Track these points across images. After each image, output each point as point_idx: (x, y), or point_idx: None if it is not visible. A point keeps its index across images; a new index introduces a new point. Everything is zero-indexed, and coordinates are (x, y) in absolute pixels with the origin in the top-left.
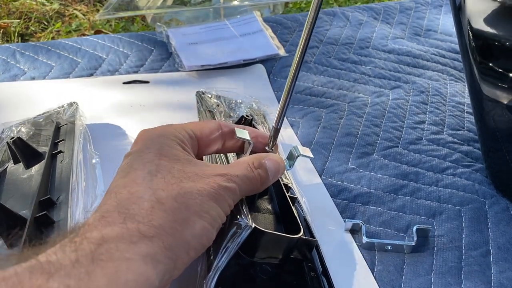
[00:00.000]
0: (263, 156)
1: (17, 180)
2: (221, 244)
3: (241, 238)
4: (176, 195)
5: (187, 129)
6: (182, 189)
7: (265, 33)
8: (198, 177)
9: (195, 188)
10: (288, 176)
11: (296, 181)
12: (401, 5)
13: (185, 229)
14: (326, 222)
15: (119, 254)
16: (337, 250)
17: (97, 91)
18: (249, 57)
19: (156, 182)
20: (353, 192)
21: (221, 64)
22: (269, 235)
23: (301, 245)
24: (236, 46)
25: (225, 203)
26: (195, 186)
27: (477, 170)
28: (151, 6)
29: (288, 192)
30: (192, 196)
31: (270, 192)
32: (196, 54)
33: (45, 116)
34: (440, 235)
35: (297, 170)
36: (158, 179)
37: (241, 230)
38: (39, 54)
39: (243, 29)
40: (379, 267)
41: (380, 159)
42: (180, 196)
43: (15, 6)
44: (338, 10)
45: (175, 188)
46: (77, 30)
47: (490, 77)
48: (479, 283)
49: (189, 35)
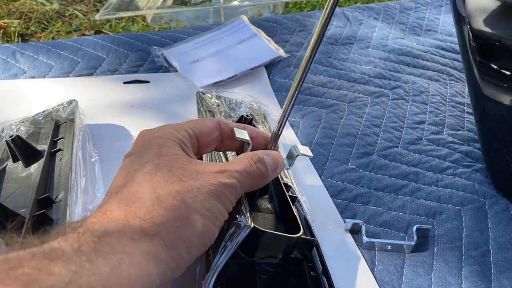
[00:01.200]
0: (262, 151)
1: (16, 179)
2: (220, 243)
3: (240, 238)
4: (176, 193)
5: (186, 129)
6: (182, 188)
7: (260, 36)
8: (198, 175)
9: (195, 186)
10: (288, 175)
11: (296, 181)
12: (401, 5)
13: (186, 227)
14: (326, 222)
15: (121, 248)
16: (337, 250)
17: (97, 90)
18: (256, 65)
19: (156, 181)
20: (353, 192)
21: (231, 78)
22: (269, 234)
23: (301, 245)
24: (238, 56)
25: (227, 199)
26: (195, 184)
27: (477, 170)
28: (151, 6)
29: (288, 191)
30: (192, 194)
31: (270, 191)
32: (203, 72)
33: (45, 114)
34: (440, 235)
35: (297, 170)
36: (158, 178)
37: (240, 229)
38: (39, 54)
39: (237, 36)
40: (379, 267)
41: (380, 159)
42: (180, 194)
43: (15, 6)
44: (338, 10)
45: (175, 187)
46: (77, 30)
47: (490, 77)
48: (479, 283)
49: (187, 53)
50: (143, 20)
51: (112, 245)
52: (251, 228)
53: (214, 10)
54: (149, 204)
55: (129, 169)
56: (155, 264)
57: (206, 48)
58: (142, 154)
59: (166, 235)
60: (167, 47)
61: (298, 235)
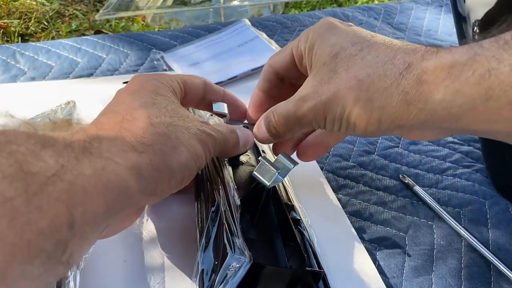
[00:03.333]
0: (236, 127)
1: None
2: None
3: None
4: (168, 124)
5: (179, 81)
6: (173, 122)
7: (262, 38)
8: (188, 118)
9: (184, 126)
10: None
11: (298, 183)
12: (401, 5)
13: (172, 155)
14: (330, 218)
15: (109, 155)
16: (343, 249)
17: (97, 91)
18: (257, 66)
19: (151, 110)
20: (355, 188)
21: (232, 79)
22: (270, 269)
23: (307, 277)
24: (239, 57)
25: (207, 148)
26: (184, 124)
27: (477, 171)
28: (151, 6)
29: (290, 213)
30: (181, 130)
31: (270, 213)
32: (204, 74)
33: (42, 116)
34: (440, 236)
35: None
36: (154, 109)
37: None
38: (39, 54)
39: (239, 39)
40: (381, 262)
41: (380, 160)
42: (171, 126)
43: (15, 6)
44: (338, 10)
45: (167, 120)
46: (77, 30)
47: None
48: (479, 284)
49: (187, 56)
50: (143, 20)
51: (101, 150)
52: (250, 264)
53: (214, 10)
54: (143, 125)
55: (125, 98)
56: (137, 179)
57: (207, 51)
58: (139, 90)
59: (153, 156)
60: (167, 51)
61: (303, 268)
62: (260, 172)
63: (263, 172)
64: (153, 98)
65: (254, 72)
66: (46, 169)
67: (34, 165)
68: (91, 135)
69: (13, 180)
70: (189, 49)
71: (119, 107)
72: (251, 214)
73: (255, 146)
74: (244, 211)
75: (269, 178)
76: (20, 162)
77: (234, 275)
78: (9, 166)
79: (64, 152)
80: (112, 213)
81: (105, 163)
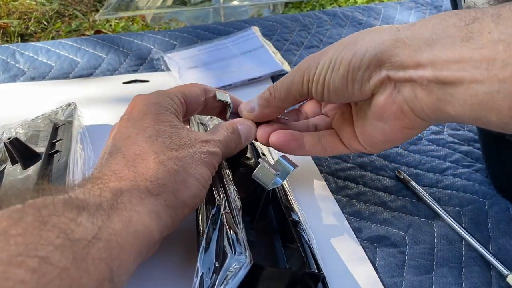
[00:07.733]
0: (236, 122)
1: (14, 181)
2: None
3: (239, 277)
4: (176, 159)
5: (178, 96)
6: (180, 154)
7: (267, 48)
8: (191, 143)
9: (190, 153)
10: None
11: (297, 185)
12: (401, 5)
13: (184, 189)
14: (329, 220)
15: (131, 206)
16: (342, 251)
17: (96, 91)
18: (254, 76)
19: (157, 146)
20: (354, 190)
21: (226, 87)
22: (270, 270)
23: (306, 279)
24: (238, 66)
25: (212, 166)
26: (189, 151)
27: (477, 170)
28: (151, 6)
29: (290, 215)
30: (188, 161)
31: (270, 216)
32: (198, 78)
33: (43, 117)
34: (440, 235)
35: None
36: (159, 143)
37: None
38: (39, 54)
39: (243, 46)
40: (381, 262)
41: (379, 160)
42: (179, 159)
43: (15, 6)
44: (338, 10)
45: (174, 153)
46: (77, 30)
47: None
48: (479, 284)
49: (187, 58)
50: (143, 20)
51: (124, 202)
52: (250, 265)
53: (214, 10)
54: (153, 166)
55: (129, 131)
56: (157, 222)
57: (208, 56)
58: (140, 119)
59: (167, 196)
60: (168, 52)
61: (302, 270)
62: (259, 174)
63: (263, 174)
64: (156, 129)
65: (250, 83)
66: (86, 233)
67: (76, 232)
68: (114, 190)
69: (63, 250)
70: (191, 51)
71: (127, 148)
72: (251, 216)
73: (255, 149)
74: (244, 213)
75: (269, 180)
76: (65, 232)
77: (234, 276)
78: (57, 237)
79: (97, 213)
80: (141, 257)
81: (130, 214)
